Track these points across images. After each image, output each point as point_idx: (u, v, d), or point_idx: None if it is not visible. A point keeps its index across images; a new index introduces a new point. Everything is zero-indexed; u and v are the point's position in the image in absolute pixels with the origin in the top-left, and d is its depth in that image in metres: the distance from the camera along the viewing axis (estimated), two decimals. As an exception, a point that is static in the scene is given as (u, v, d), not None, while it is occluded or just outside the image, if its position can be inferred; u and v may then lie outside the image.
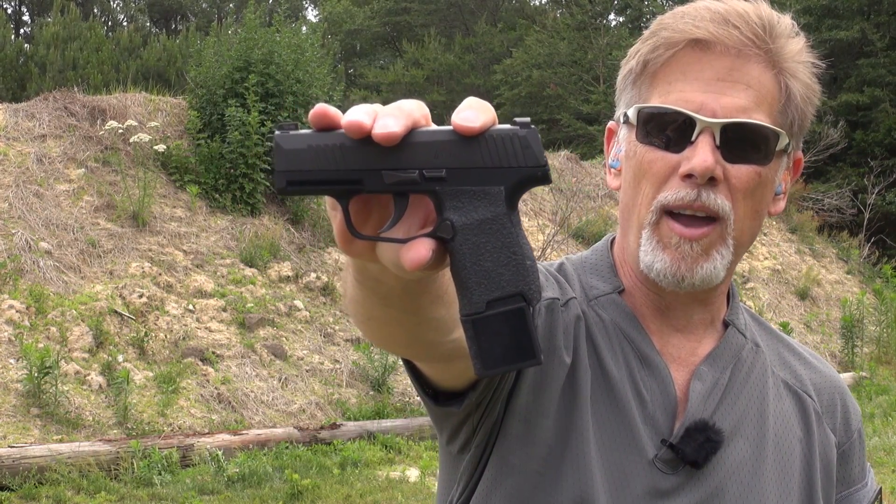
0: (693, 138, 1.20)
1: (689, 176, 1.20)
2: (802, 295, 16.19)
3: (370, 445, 8.88)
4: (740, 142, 1.21)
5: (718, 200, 1.20)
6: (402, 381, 10.69)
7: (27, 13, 34.40)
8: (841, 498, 1.39)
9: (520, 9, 31.81)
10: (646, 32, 1.27)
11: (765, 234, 17.71)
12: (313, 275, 11.50)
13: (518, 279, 0.78)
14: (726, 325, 1.34)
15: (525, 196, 15.69)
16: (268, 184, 11.99)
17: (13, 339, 8.92)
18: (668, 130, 1.22)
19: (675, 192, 1.21)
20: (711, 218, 1.21)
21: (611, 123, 1.34)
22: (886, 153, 22.11)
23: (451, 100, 28.00)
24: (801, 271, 16.88)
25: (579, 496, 1.23)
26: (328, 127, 0.80)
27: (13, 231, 10.10)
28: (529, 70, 26.04)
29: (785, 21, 1.24)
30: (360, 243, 0.85)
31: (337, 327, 11.02)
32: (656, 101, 1.23)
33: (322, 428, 9.04)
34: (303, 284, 11.37)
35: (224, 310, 10.38)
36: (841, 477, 1.38)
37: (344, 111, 0.82)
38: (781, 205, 1.31)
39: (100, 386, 8.89)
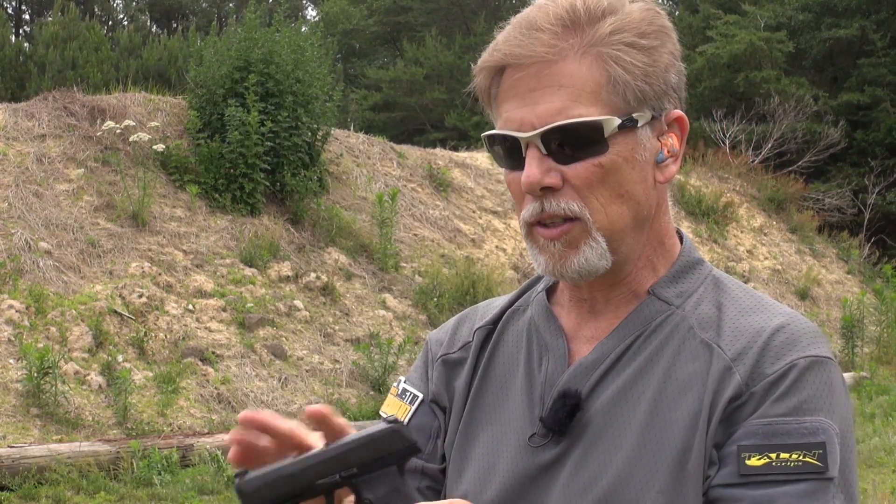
0: (524, 154, 1.25)
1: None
2: (802, 295, 16.19)
3: (370, 445, 8.87)
4: (566, 142, 1.23)
5: (563, 204, 1.24)
6: (402, 381, 10.69)
7: (27, 13, 34.40)
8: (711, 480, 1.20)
9: (519, 9, 31.83)
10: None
11: (765, 234, 17.72)
12: (313, 275, 11.49)
13: None
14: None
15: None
16: (267, 184, 11.98)
17: (13, 339, 8.92)
18: (507, 153, 1.27)
19: (528, 209, 1.27)
20: (569, 217, 1.26)
21: None
22: (887, 153, 22.10)
23: (451, 98, 28.00)
24: (801, 271, 16.88)
25: (463, 492, 1.34)
26: (257, 429, 1.15)
27: (13, 231, 10.09)
28: (529, 70, 26.04)
29: (587, 5, 1.26)
30: None
31: (337, 327, 11.02)
32: (497, 128, 1.29)
33: (322, 428, 9.04)
34: (302, 284, 11.37)
35: (224, 310, 10.37)
36: (725, 438, 1.20)
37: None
38: (672, 169, 1.30)
39: (99, 386, 8.89)
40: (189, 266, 10.78)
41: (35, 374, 8.37)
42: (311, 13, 37.93)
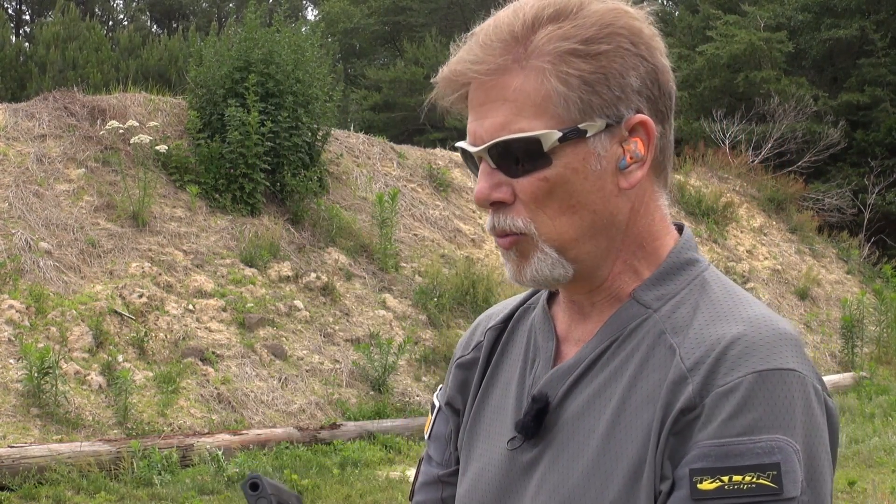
0: (479, 167, 1.27)
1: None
2: (802, 295, 16.19)
3: (370, 445, 8.88)
4: (512, 157, 1.23)
5: (508, 220, 1.25)
6: (402, 381, 10.69)
7: (27, 13, 34.41)
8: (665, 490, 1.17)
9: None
10: None
11: (765, 234, 17.72)
12: (313, 275, 11.50)
13: None
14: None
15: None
16: (268, 184, 11.99)
17: (13, 339, 8.92)
18: (470, 165, 1.30)
19: (487, 221, 1.29)
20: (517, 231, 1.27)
21: None
22: (887, 153, 22.11)
23: (451, 99, 27.95)
24: (801, 271, 16.88)
25: (461, 493, 1.38)
26: None
27: (13, 231, 10.10)
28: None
29: (527, 15, 1.24)
30: None
31: (337, 327, 11.02)
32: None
33: (322, 428, 9.04)
34: (303, 284, 11.37)
35: (224, 310, 10.38)
36: (678, 456, 1.17)
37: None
38: (637, 174, 1.26)
39: (100, 386, 8.89)
40: (189, 266, 10.78)
41: (35, 374, 8.38)
42: (311, 13, 37.93)
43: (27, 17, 34.39)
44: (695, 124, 21.43)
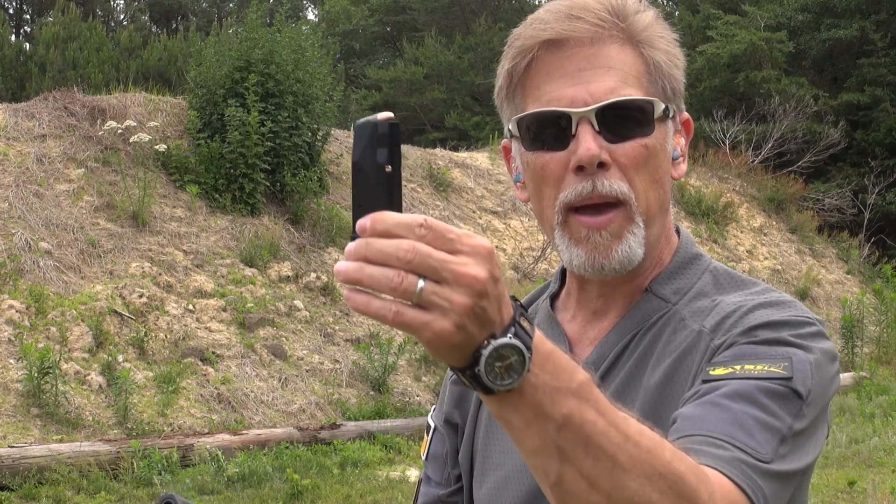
0: (574, 132, 1.25)
1: (580, 168, 1.24)
2: (802, 295, 16.19)
3: (370, 445, 8.88)
4: (618, 121, 1.25)
5: (614, 185, 1.25)
6: (402, 381, 10.69)
7: (28, 13, 34.41)
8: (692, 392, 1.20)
9: (519, 9, 31.82)
10: (505, 49, 1.33)
11: (765, 234, 17.72)
12: (313, 275, 11.50)
13: None
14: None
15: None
16: (268, 184, 11.99)
17: (13, 339, 8.92)
18: (550, 131, 1.27)
19: (573, 189, 1.25)
20: (613, 203, 1.25)
21: (504, 141, 1.38)
22: (887, 153, 22.11)
23: (451, 97, 27.97)
24: (801, 271, 16.88)
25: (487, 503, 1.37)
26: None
27: (13, 231, 10.10)
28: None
29: None
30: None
31: (337, 327, 11.02)
32: (532, 108, 1.28)
33: (322, 428, 9.04)
34: (303, 284, 11.37)
35: (224, 310, 10.38)
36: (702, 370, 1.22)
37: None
38: (683, 167, 1.34)
39: (100, 386, 8.89)
40: (189, 266, 10.78)
41: (35, 374, 8.38)
42: (312, 14, 37.92)
43: (27, 17, 34.39)
44: (695, 124, 21.34)
